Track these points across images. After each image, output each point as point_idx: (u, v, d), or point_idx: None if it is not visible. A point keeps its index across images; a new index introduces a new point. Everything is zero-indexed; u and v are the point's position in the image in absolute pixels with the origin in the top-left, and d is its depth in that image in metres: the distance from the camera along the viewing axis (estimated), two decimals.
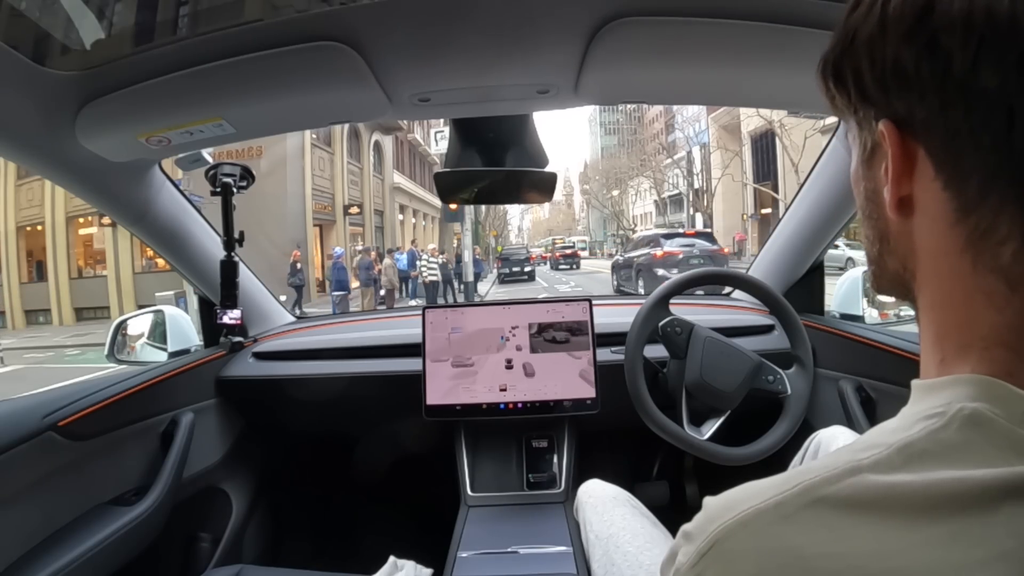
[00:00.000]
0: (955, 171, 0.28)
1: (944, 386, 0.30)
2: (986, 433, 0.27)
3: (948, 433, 0.27)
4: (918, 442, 0.27)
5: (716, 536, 0.28)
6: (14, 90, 0.68)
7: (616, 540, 0.84)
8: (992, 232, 0.28)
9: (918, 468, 0.27)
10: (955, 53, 0.26)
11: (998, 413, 0.27)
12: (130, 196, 0.99)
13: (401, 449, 1.39)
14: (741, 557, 0.27)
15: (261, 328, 1.41)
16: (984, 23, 0.26)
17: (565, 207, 77.03)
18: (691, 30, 0.65)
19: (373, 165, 17.67)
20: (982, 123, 0.27)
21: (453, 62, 0.74)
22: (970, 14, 0.26)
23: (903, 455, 0.27)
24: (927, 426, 0.28)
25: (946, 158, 0.28)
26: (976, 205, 0.28)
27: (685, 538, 0.30)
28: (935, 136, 0.28)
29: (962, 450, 0.27)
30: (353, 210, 16.00)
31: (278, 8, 0.69)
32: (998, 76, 0.26)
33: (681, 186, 29.49)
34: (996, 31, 0.26)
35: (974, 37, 0.26)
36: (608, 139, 60.57)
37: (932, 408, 0.29)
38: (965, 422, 0.27)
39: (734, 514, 0.28)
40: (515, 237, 56.29)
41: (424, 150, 22.50)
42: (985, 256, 0.28)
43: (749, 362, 0.98)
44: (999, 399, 0.27)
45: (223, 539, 1.21)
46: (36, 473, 0.79)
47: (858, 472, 0.27)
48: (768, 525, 0.27)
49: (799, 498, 0.27)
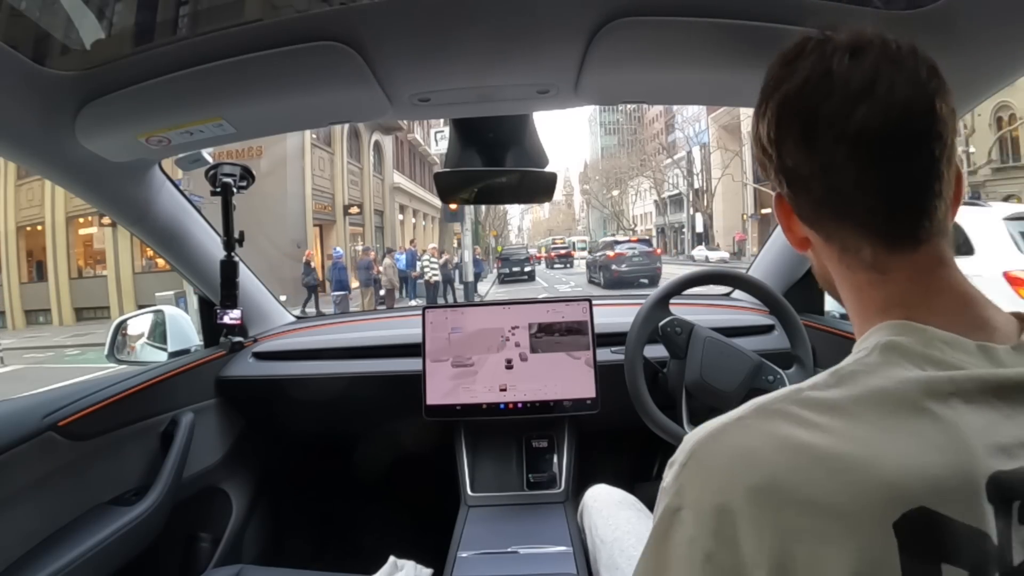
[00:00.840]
0: (807, 219, 0.41)
1: (868, 336, 0.38)
2: (902, 354, 0.35)
3: (871, 358, 0.35)
4: (847, 367, 0.36)
5: (691, 449, 0.36)
6: (14, 90, 0.68)
7: (621, 544, 0.84)
8: (849, 247, 0.39)
9: (848, 384, 0.34)
10: (781, 136, 0.39)
11: (910, 341, 0.35)
12: (130, 196, 0.99)
13: (401, 449, 1.39)
14: (712, 459, 0.34)
15: (261, 328, 1.41)
16: (793, 112, 0.38)
17: (565, 207, 76.95)
18: (691, 30, 0.65)
19: (373, 165, 17.65)
20: (807, 189, 0.39)
21: (453, 62, 0.74)
22: (786, 104, 0.38)
23: (835, 376, 0.35)
24: (855, 357, 0.37)
25: (800, 212, 0.41)
26: (832, 236, 0.40)
27: (668, 467, 0.37)
28: (789, 200, 0.42)
29: (882, 367, 0.35)
30: (353, 210, 15.99)
31: (278, 8, 0.69)
32: (807, 156, 0.38)
33: (681, 186, 29.50)
34: (803, 117, 0.37)
35: (788, 123, 0.38)
36: (608, 139, 60.46)
37: (859, 349, 0.38)
38: (884, 348, 0.35)
39: (704, 430, 0.36)
40: (515, 237, 56.24)
41: (424, 150, 22.47)
42: (854, 261, 0.39)
43: (749, 362, 0.97)
44: (909, 332, 0.36)
45: (223, 539, 1.21)
46: (36, 473, 0.79)
47: (800, 392, 0.35)
48: (732, 432, 0.35)
49: (754, 412, 0.35)
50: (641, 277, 13.42)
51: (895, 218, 0.37)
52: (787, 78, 0.38)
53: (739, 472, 0.32)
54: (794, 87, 0.38)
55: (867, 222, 0.38)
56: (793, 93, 0.38)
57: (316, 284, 11.25)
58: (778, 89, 0.39)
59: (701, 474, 0.34)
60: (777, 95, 0.39)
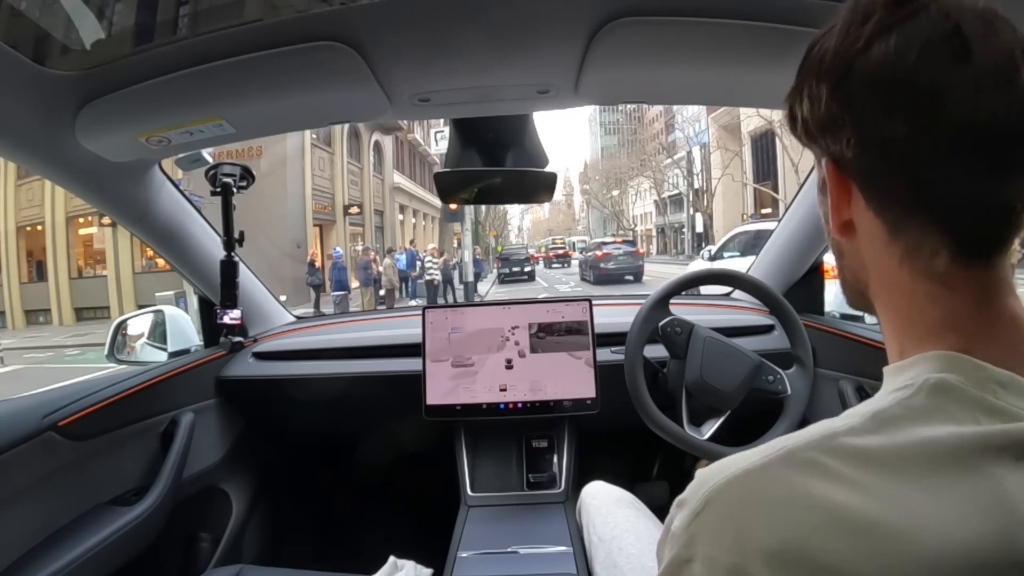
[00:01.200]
0: (879, 203, 0.34)
1: (911, 365, 0.33)
2: (953, 398, 0.30)
3: (918, 400, 0.30)
4: (889, 409, 0.31)
5: (708, 495, 0.31)
6: (14, 90, 0.68)
7: (619, 542, 0.84)
8: (920, 249, 0.33)
9: (891, 431, 0.30)
10: (868, 107, 0.32)
11: (962, 381, 0.30)
12: (130, 196, 0.99)
13: (401, 449, 1.39)
14: (730, 511, 0.30)
15: (261, 328, 1.41)
16: (890, 80, 0.31)
17: (565, 207, 76.86)
18: (691, 30, 0.65)
19: (373, 165, 17.65)
20: (894, 165, 0.32)
21: (453, 62, 0.74)
22: (879, 73, 0.31)
23: (876, 420, 0.30)
24: (897, 396, 0.31)
25: (870, 193, 0.34)
26: (902, 230, 0.33)
27: (679, 506, 0.33)
28: (860, 175, 0.34)
29: (931, 413, 0.30)
30: (353, 210, 15.97)
31: (278, 8, 0.69)
32: (903, 125, 0.31)
33: (681, 186, 29.43)
34: (901, 86, 0.30)
35: (882, 93, 0.31)
36: (608, 139, 60.38)
37: (902, 382, 0.32)
38: (932, 389, 0.30)
39: (723, 476, 0.31)
40: (515, 237, 56.17)
41: (424, 150, 22.45)
42: (919, 268, 0.33)
43: (749, 362, 0.98)
44: (962, 369, 0.31)
45: (223, 539, 1.21)
46: (36, 473, 0.79)
47: (835, 437, 0.30)
48: (754, 482, 0.30)
49: (782, 460, 0.30)
50: (625, 274, 14.71)
51: (986, 227, 0.32)
52: (895, 29, 0.31)
53: (759, 531, 0.29)
54: (910, 48, 0.30)
55: (958, 223, 0.32)
56: (904, 54, 0.30)
57: (320, 284, 11.24)
58: (883, 38, 0.31)
59: (716, 527, 0.30)
60: (882, 46, 0.31)
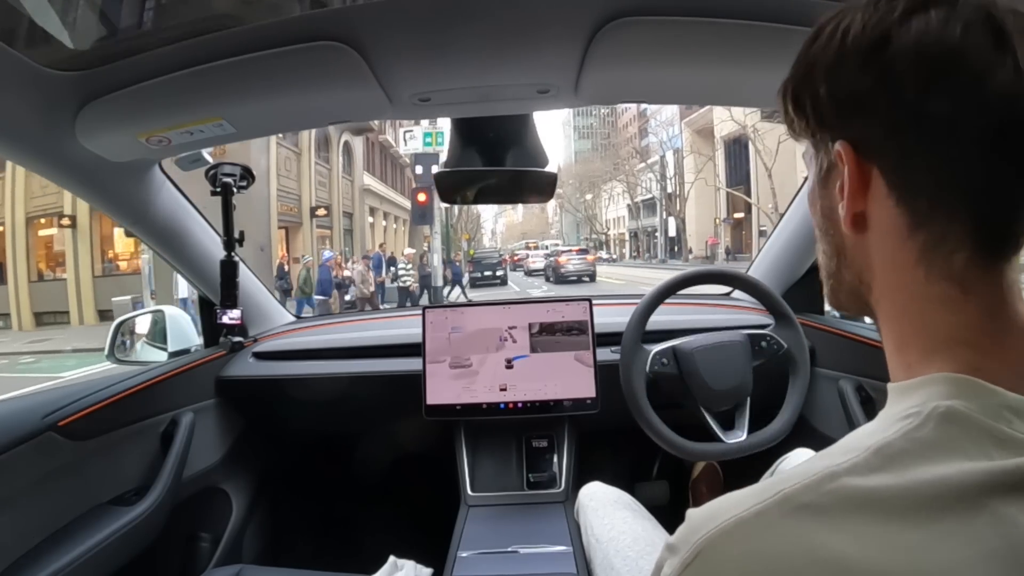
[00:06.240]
0: (906, 189, 0.30)
1: (917, 387, 0.30)
2: (963, 429, 0.27)
3: (925, 431, 0.28)
4: (895, 442, 0.28)
5: (699, 546, 0.29)
6: (14, 90, 0.68)
7: (617, 544, 0.84)
8: (942, 243, 0.30)
9: (897, 468, 0.27)
10: (908, 80, 0.29)
11: (973, 409, 0.28)
12: (130, 196, 0.99)
13: (401, 449, 1.39)
14: (724, 566, 0.28)
15: (261, 328, 1.41)
16: (936, 52, 0.28)
17: (539, 210, 75.98)
18: (691, 30, 0.65)
19: (343, 166, 17.01)
20: (932, 144, 0.29)
21: (453, 62, 0.74)
22: (924, 44, 0.28)
23: (880, 456, 0.28)
24: (903, 426, 0.28)
25: (897, 177, 0.30)
26: (926, 220, 0.30)
27: (669, 551, 0.31)
28: (888, 156, 0.31)
29: (940, 447, 0.27)
30: (320, 212, 15.16)
31: (278, 8, 0.69)
32: (947, 101, 0.28)
33: (654, 190, 29.23)
34: (947, 60, 0.28)
35: (926, 65, 0.28)
36: (582, 143, 59.39)
37: (908, 409, 0.29)
38: (941, 420, 0.28)
39: (716, 524, 0.28)
40: (488, 240, 55.45)
41: (395, 151, 21.76)
42: (937, 265, 0.30)
43: (740, 344, 0.99)
44: (973, 395, 0.28)
45: (223, 539, 1.21)
46: (36, 473, 0.79)
47: (836, 478, 0.27)
48: (750, 534, 0.28)
49: (780, 507, 0.28)
50: (581, 275, 17.98)
51: (1013, 222, 0.29)
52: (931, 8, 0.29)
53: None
54: (953, 24, 0.28)
55: (990, 214, 0.29)
56: (950, 28, 0.28)
57: (289, 289, 10.49)
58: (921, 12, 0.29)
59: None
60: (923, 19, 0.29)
